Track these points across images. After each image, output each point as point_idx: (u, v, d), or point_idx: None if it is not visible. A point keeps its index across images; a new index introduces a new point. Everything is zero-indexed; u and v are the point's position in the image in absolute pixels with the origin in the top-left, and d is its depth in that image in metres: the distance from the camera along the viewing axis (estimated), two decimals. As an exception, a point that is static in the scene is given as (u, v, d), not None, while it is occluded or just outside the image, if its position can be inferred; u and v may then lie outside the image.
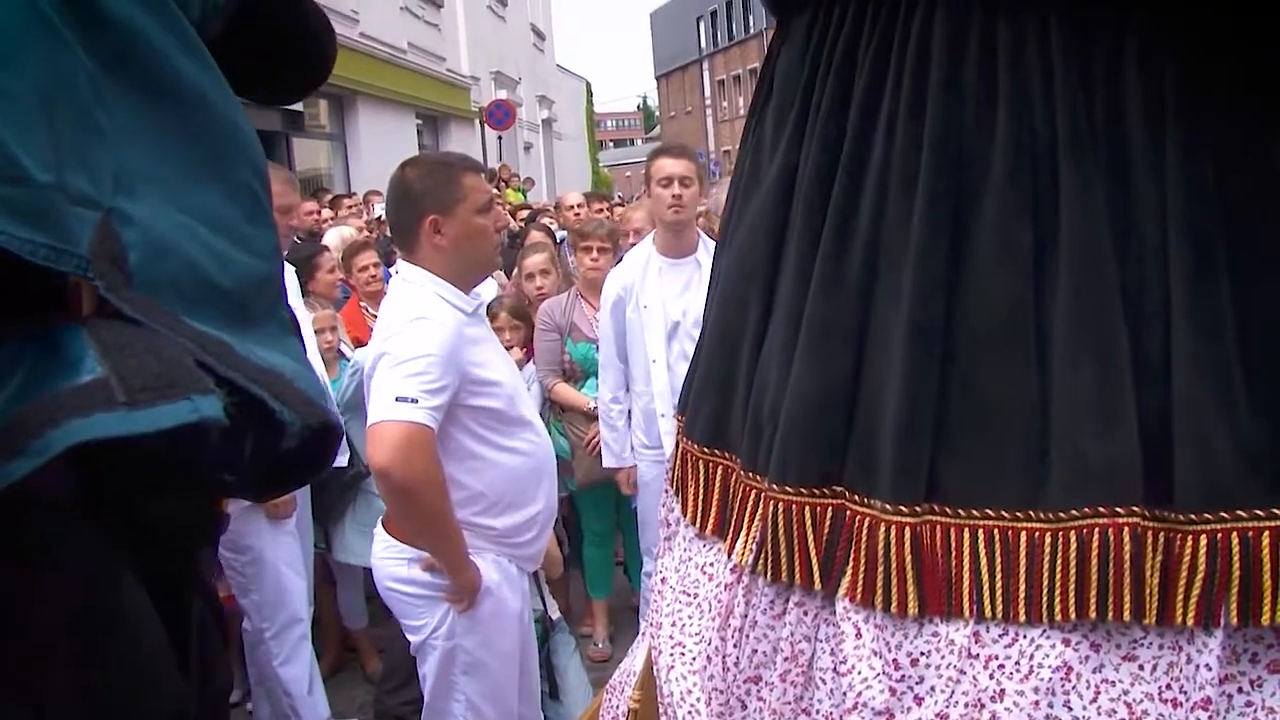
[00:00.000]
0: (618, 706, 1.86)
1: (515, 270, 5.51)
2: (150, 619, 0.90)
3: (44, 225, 0.75)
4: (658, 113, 71.58)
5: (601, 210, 8.00)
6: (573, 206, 8.26)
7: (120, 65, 0.86)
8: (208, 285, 0.87)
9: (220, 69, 0.98)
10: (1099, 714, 1.20)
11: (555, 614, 3.69)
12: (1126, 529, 1.18)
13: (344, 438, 3.97)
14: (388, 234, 8.59)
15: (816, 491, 1.36)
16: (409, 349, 2.63)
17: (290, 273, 3.77)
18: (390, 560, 2.86)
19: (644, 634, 1.88)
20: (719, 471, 1.56)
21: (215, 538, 1.10)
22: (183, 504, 0.98)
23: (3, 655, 0.77)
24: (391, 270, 6.40)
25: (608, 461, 4.37)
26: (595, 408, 4.49)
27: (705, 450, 1.58)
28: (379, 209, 10.22)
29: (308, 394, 0.90)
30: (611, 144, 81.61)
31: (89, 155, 0.81)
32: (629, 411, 4.32)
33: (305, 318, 4.19)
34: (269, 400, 0.84)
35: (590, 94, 40.23)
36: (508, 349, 3.94)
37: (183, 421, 0.75)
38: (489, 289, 5.45)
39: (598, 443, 4.47)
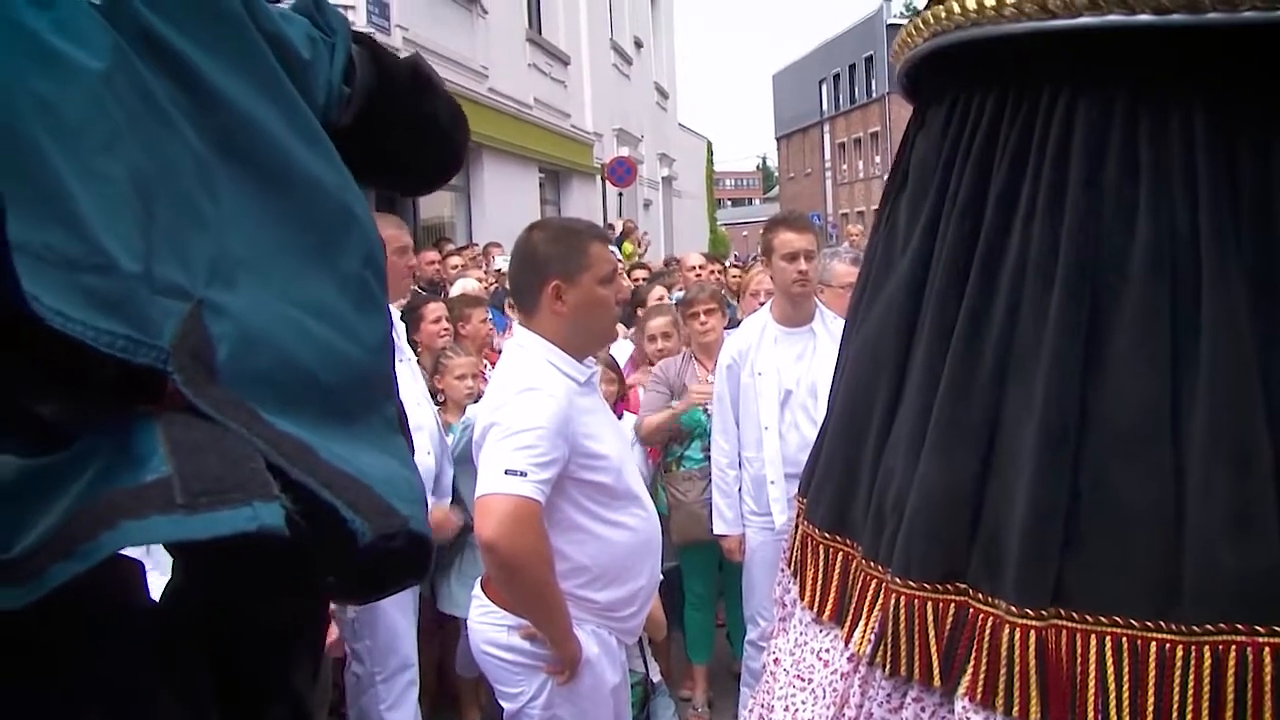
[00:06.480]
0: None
1: (635, 329, 5.54)
2: None
3: (123, 315, 0.74)
4: (777, 173, 71.74)
5: (714, 273, 7.94)
6: (694, 268, 8.07)
7: (231, 148, 0.86)
8: (305, 379, 0.86)
9: (348, 157, 0.97)
10: None
11: (656, 677, 3.66)
12: (1268, 649, 1.14)
13: (450, 498, 4.05)
14: (505, 286, 8.75)
15: (939, 587, 1.35)
16: (519, 421, 2.61)
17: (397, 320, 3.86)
18: (489, 625, 2.84)
19: (751, 711, 1.86)
20: (839, 557, 1.55)
21: (320, 639, 1.07)
22: (288, 604, 0.97)
23: None
24: (505, 317, 6.50)
25: (718, 528, 4.34)
26: (676, 404, 4.53)
27: (826, 535, 1.58)
28: (499, 261, 10.38)
29: (387, 502, 0.86)
30: (729, 202, 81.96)
31: (185, 243, 0.80)
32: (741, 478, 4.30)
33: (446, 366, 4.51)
34: (341, 508, 0.82)
35: (711, 153, 40.48)
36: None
37: (239, 530, 0.73)
38: (622, 348, 5.48)
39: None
